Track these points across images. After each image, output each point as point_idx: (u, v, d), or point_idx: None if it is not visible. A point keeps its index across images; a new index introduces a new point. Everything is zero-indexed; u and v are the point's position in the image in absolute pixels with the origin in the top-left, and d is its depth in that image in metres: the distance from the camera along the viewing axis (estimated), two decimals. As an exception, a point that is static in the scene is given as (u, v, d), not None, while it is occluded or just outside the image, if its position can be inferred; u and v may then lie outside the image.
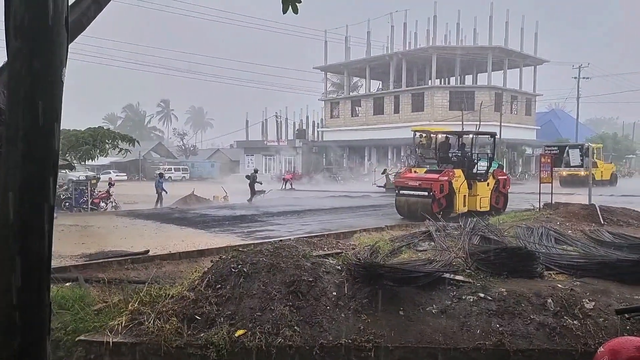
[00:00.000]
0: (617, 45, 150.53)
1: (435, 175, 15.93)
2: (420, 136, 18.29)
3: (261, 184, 26.07)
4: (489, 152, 17.69)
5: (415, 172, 17.42)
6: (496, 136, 18.10)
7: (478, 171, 16.78)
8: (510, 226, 10.62)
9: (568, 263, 7.31)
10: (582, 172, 36.43)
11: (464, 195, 15.99)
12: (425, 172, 17.04)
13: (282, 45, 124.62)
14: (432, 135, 18.23)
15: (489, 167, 17.04)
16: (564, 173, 37.28)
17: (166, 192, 23.89)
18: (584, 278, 6.67)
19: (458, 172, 16.02)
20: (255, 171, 26.67)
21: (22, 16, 1.53)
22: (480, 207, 16.06)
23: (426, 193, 15.47)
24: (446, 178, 15.59)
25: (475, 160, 17.01)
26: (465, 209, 15.60)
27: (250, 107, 71.39)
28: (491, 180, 16.79)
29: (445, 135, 18.18)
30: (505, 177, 17.80)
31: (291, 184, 37.26)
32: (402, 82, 50.76)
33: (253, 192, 24.98)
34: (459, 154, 17.25)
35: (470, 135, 17.74)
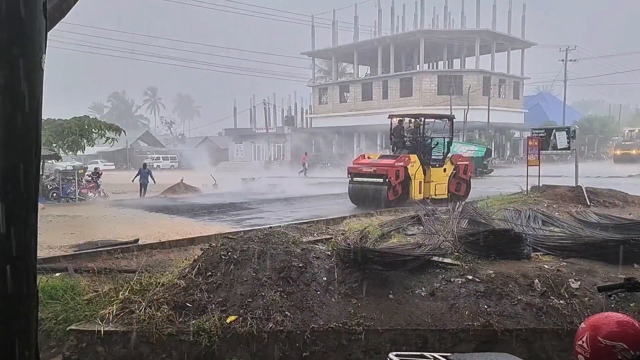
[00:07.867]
0: (603, 27, 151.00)
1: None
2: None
3: None
4: (445, 136, 16.30)
5: (369, 157, 16.26)
6: (454, 119, 16.99)
7: (434, 156, 15.88)
8: (498, 209, 10.70)
9: (554, 244, 7.41)
10: (634, 151, 38.07)
11: (420, 182, 15.07)
12: (380, 158, 16.06)
13: (269, 31, 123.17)
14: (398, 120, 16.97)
15: (446, 153, 16.04)
16: (618, 152, 40.35)
17: (154, 182, 23.66)
18: (570, 258, 6.76)
19: (413, 157, 15.09)
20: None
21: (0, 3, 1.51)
22: (436, 194, 15.14)
23: (381, 180, 14.49)
24: (402, 164, 14.68)
25: (431, 145, 15.97)
26: (421, 196, 14.64)
27: (238, 94, 70.99)
28: (449, 166, 15.79)
29: (398, 119, 17.00)
30: (466, 162, 16.70)
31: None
32: (390, 67, 50.64)
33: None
34: (412, 138, 16.11)
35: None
